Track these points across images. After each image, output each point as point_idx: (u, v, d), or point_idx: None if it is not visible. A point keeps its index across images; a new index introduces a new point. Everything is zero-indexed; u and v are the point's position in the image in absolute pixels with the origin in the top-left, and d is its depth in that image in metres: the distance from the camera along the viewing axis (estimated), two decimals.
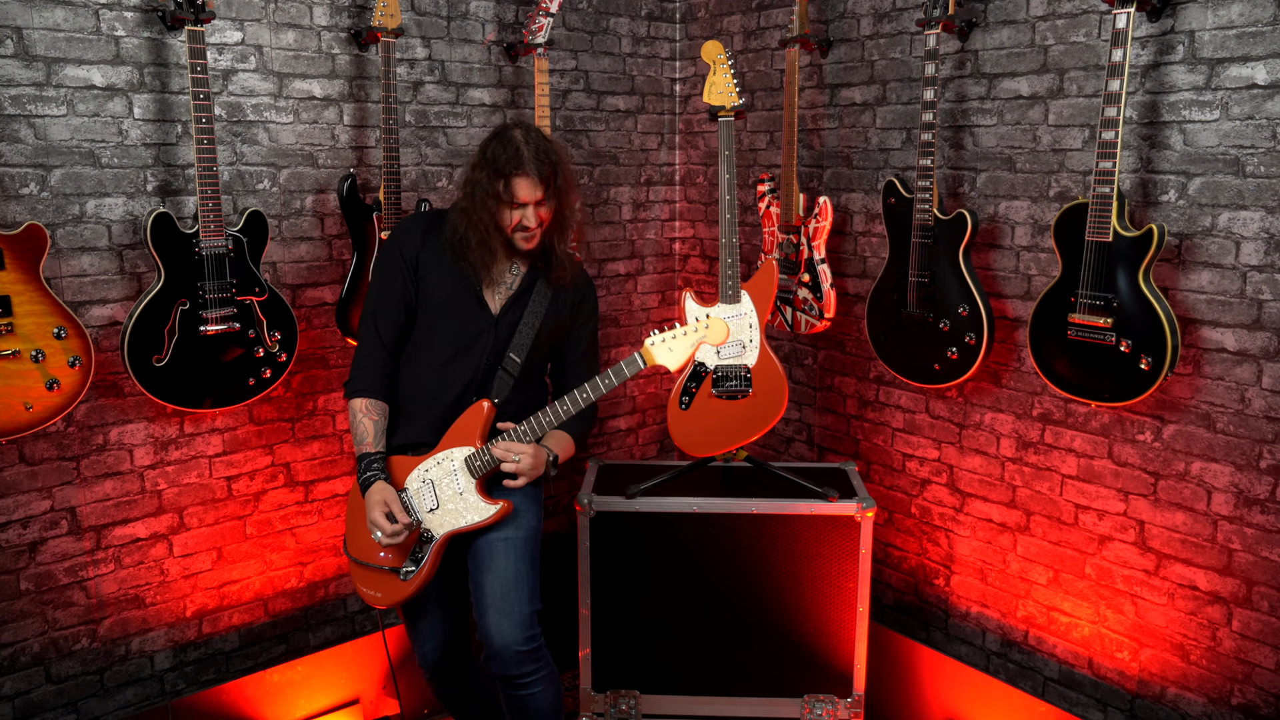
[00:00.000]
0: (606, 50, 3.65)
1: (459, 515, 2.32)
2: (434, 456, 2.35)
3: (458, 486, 2.31)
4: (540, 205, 2.31)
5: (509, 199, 2.27)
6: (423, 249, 2.38)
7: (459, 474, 2.32)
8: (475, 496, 2.31)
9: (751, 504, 2.83)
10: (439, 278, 2.37)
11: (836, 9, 3.23)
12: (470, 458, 2.31)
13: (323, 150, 2.99)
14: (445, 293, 2.37)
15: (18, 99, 2.48)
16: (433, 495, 2.33)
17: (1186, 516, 2.56)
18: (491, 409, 2.34)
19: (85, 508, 2.71)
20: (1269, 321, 2.36)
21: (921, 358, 2.89)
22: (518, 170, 2.26)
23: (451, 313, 2.38)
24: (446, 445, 2.34)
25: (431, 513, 2.33)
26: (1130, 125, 2.53)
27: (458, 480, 2.31)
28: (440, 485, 2.33)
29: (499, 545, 2.32)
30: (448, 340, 2.37)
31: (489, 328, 2.39)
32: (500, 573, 2.29)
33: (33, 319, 2.40)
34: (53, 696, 2.73)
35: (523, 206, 2.29)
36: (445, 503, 2.32)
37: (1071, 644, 2.85)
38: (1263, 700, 2.46)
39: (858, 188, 3.26)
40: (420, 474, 2.34)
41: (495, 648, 2.25)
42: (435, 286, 2.37)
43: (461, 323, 2.38)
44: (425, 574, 2.34)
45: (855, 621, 2.84)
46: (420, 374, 2.40)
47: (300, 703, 2.98)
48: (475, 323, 2.38)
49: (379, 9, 2.81)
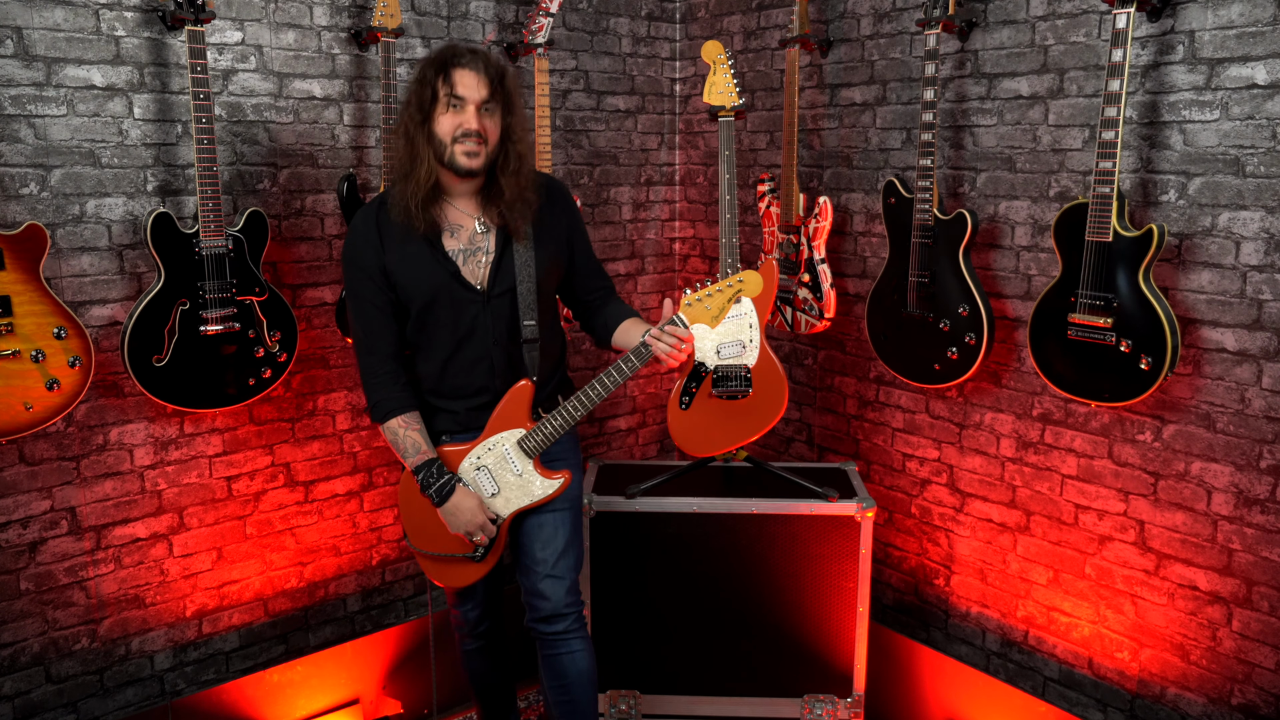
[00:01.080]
0: (606, 50, 3.65)
1: (524, 494, 2.32)
2: (483, 444, 2.30)
3: (515, 469, 2.30)
4: (484, 111, 2.12)
5: (447, 94, 2.08)
6: (384, 250, 2.21)
7: (514, 457, 2.29)
8: (536, 475, 2.31)
9: (751, 504, 2.83)
10: (412, 271, 2.21)
11: (836, 9, 3.23)
12: (523, 439, 2.28)
13: (323, 150, 2.99)
14: (423, 285, 2.21)
15: (18, 99, 2.48)
16: (490, 481, 2.31)
17: (1186, 516, 2.56)
18: (531, 387, 2.27)
19: (85, 508, 2.71)
20: (1269, 321, 2.36)
21: (921, 358, 2.89)
22: (457, 61, 2.08)
23: (438, 304, 2.23)
24: (493, 431, 2.29)
25: (494, 497, 2.32)
26: (1130, 125, 2.53)
27: (514, 463, 2.30)
28: (496, 470, 2.30)
29: (548, 517, 2.35)
30: (444, 335, 2.25)
31: (481, 308, 2.24)
32: (552, 542, 2.35)
33: (33, 319, 2.40)
34: (53, 696, 2.73)
35: (462, 103, 2.09)
36: (506, 487, 2.31)
37: (1071, 644, 2.85)
38: (1263, 700, 2.46)
39: (858, 188, 3.26)
40: (472, 462, 2.30)
41: (546, 609, 2.33)
42: (411, 281, 2.21)
43: (451, 312, 2.23)
44: (498, 552, 2.37)
45: (855, 621, 2.84)
46: (431, 370, 2.30)
47: (300, 703, 2.98)
48: (466, 308, 2.24)
49: (379, 9, 2.81)
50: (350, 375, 3.15)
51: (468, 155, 2.12)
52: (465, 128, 2.10)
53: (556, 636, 2.35)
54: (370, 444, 3.22)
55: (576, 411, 2.25)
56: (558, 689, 2.37)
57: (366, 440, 3.21)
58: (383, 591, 3.33)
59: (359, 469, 3.21)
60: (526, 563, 2.37)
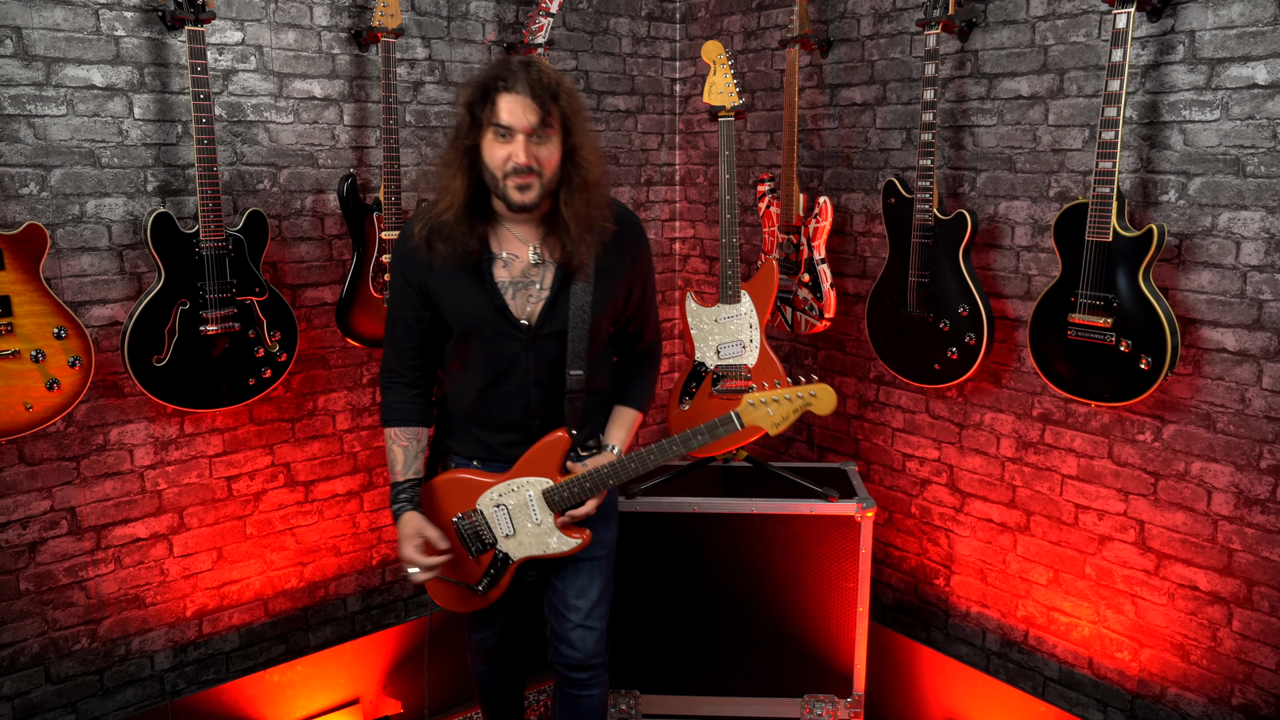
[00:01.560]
0: (606, 50, 3.65)
1: (539, 544, 2.21)
2: (508, 482, 2.17)
3: (535, 518, 2.18)
4: (536, 139, 1.89)
5: (493, 124, 1.86)
6: (430, 269, 2.04)
7: (535, 506, 2.17)
8: (553, 529, 2.18)
9: (751, 504, 2.83)
10: (457, 297, 2.04)
11: (836, 9, 3.23)
12: (549, 491, 2.15)
13: (323, 150, 2.99)
14: (466, 314, 2.06)
15: (18, 99, 2.48)
16: (508, 522, 2.20)
17: (1186, 516, 2.56)
18: (567, 440, 2.12)
19: (85, 508, 2.71)
20: (1269, 321, 2.36)
21: (921, 358, 2.89)
22: (505, 85, 1.84)
23: (479, 335, 2.06)
24: (521, 473, 2.16)
25: (507, 538, 2.21)
26: (1130, 125, 2.53)
27: (535, 512, 2.18)
28: (515, 513, 2.19)
29: (585, 564, 2.26)
30: (481, 364, 2.10)
31: (524, 346, 2.07)
32: (587, 592, 2.27)
33: (33, 319, 2.40)
34: (53, 696, 2.72)
35: (510, 132, 1.87)
36: (521, 532, 2.20)
37: (1071, 644, 2.85)
38: (1263, 700, 2.46)
39: (858, 188, 3.26)
40: (494, 498, 2.19)
41: (574, 657, 2.29)
42: (454, 307, 2.06)
43: (492, 344, 2.07)
44: (501, 589, 2.27)
45: (855, 621, 2.84)
46: (467, 395, 2.16)
47: (300, 703, 2.98)
48: (507, 344, 2.06)
49: (379, 9, 2.80)
50: (350, 375, 3.15)
51: (520, 190, 1.92)
52: (514, 162, 1.88)
53: (580, 683, 2.32)
54: (370, 444, 3.22)
55: (608, 478, 2.11)
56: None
57: (366, 440, 3.21)
58: (383, 591, 3.33)
59: (359, 469, 3.21)
60: (559, 607, 2.29)
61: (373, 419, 3.21)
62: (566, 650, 2.30)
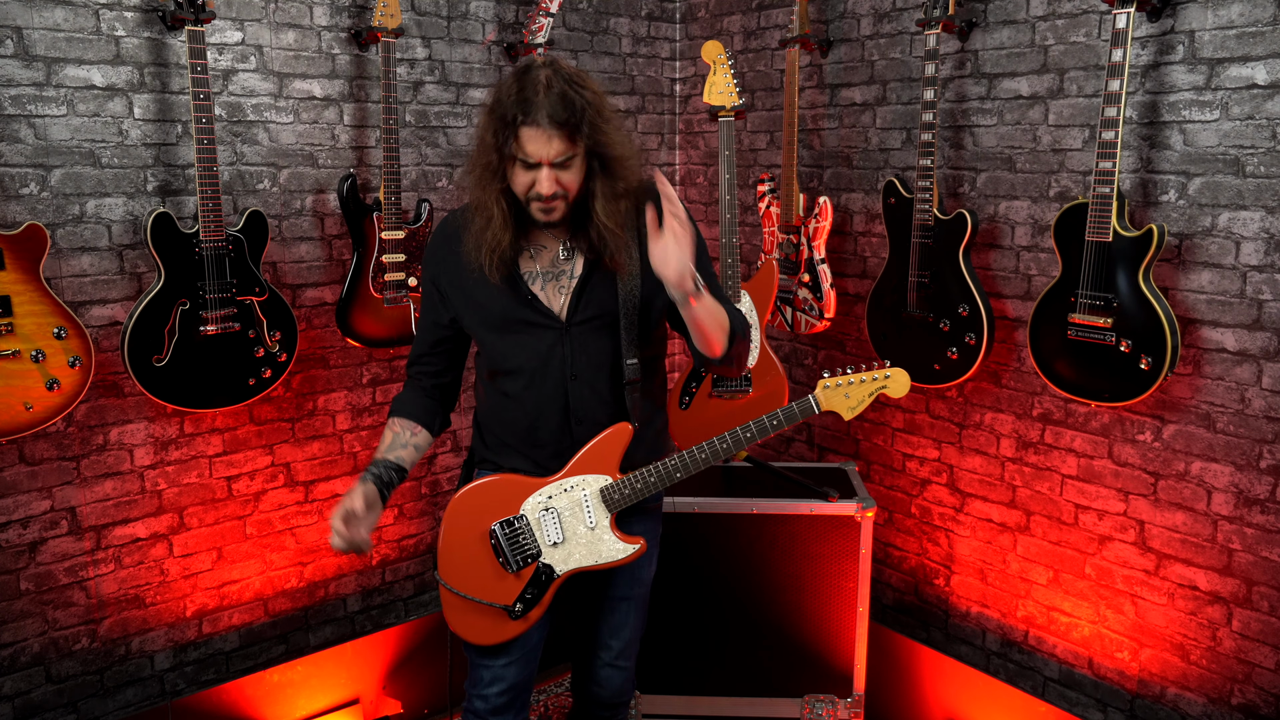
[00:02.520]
0: (606, 50, 3.65)
1: (591, 552, 2.01)
2: (559, 481, 2.00)
3: (589, 521, 2.00)
4: (560, 167, 1.83)
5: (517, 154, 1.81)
6: (443, 265, 2.00)
7: (592, 507, 1.99)
8: (609, 533, 2.00)
9: (751, 504, 2.83)
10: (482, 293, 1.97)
11: (836, 9, 3.23)
12: (608, 489, 1.98)
13: (323, 150, 2.99)
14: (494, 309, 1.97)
15: (18, 99, 2.48)
16: (557, 528, 2.00)
17: (1186, 516, 2.56)
18: (630, 431, 1.98)
19: (85, 508, 2.71)
20: (1269, 321, 2.36)
21: (922, 358, 2.89)
22: (525, 118, 1.78)
23: (506, 327, 1.98)
24: (576, 471, 2.00)
25: (555, 547, 2.00)
26: (1130, 125, 2.53)
27: (589, 514, 2.00)
28: (566, 517, 2.00)
29: (622, 604, 2.15)
30: (514, 362, 1.99)
31: (559, 337, 1.96)
32: (621, 631, 2.17)
33: (33, 319, 2.40)
34: (53, 696, 2.72)
35: (534, 167, 1.82)
36: (572, 539, 2.00)
37: (1071, 644, 2.85)
38: (1263, 700, 2.46)
39: (858, 188, 3.26)
40: (541, 500, 2.00)
41: (601, 696, 2.22)
42: (479, 304, 1.99)
43: (524, 337, 1.97)
44: (538, 613, 2.02)
45: (855, 621, 2.84)
46: (499, 402, 2.04)
47: (300, 703, 2.98)
48: (539, 336, 1.96)
49: (379, 9, 2.81)
50: (350, 375, 3.15)
51: (544, 213, 1.87)
52: (538, 190, 1.84)
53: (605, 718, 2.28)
54: (370, 444, 3.22)
55: (676, 472, 1.97)
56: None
57: (366, 440, 3.21)
58: (383, 591, 3.33)
59: (359, 469, 3.21)
60: (590, 643, 2.19)
61: (373, 419, 3.21)
62: (594, 689, 2.21)
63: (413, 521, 3.35)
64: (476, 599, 2.01)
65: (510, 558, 2.01)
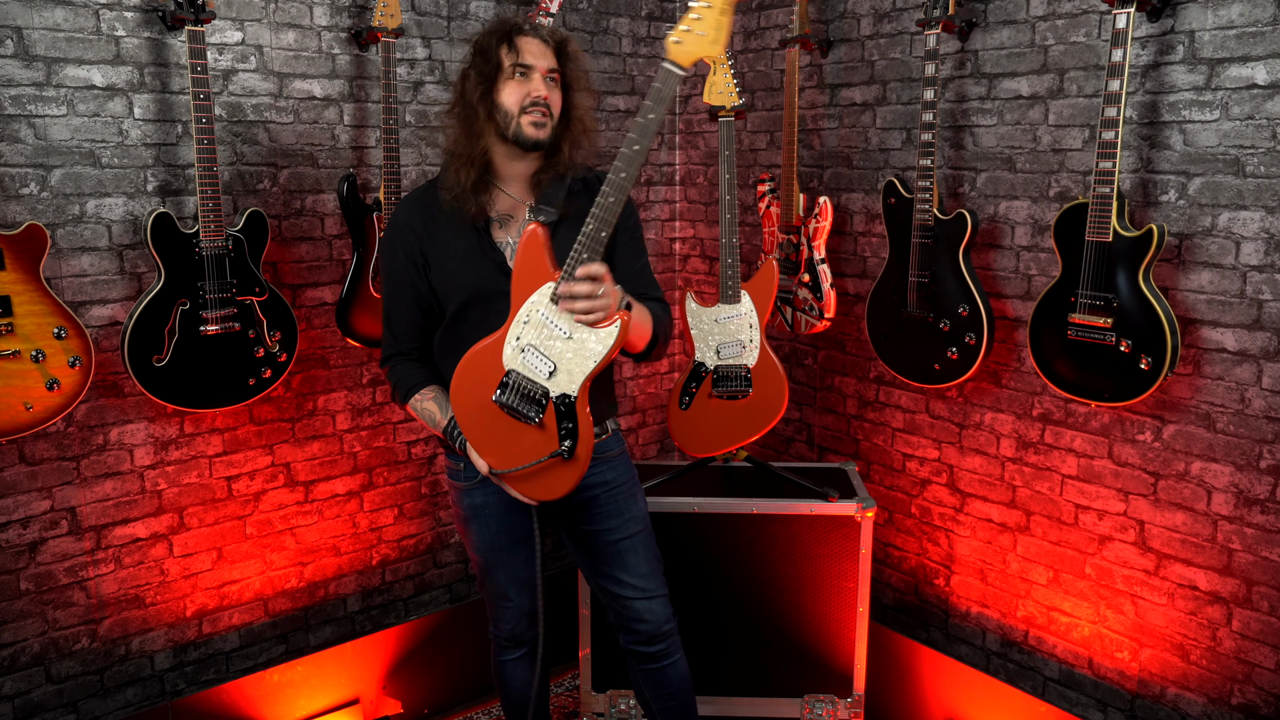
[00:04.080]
0: (606, 50, 3.65)
1: (584, 357, 1.96)
2: (514, 321, 1.99)
3: (562, 331, 1.96)
4: (549, 81, 1.98)
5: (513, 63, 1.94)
6: (426, 235, 2.07)
7: (555, 319, 1.96)
8: (587, 330, 1.95)
9: (751, 504, 2.83)
10: (456, 262, 2.06)
11: (836, 9, 3.23)
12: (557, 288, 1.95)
13: (323, 150, 2.99)
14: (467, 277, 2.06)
15: (18, 99, 2.48)
16: (542, 359, 1.98)
17: (1186, 516, 2.56)
18: (540, 229, 1.95)
19: (85, 508, 2.71)
20: (1269, 321, 2.36)
21: (921, 358, 2.89)
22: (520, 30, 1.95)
23: (480, 297, 2.05)
24: (519, 301, 1.98)
25: (553, 375, 1.98)
26: (1130, 125, 2.53)
27: (559, 326, 1.96)
28: (543, 343, 1.97)
29: (626, 544, 2.25)
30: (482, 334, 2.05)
31: None
32: (639, 567, 2.27)
33: (33, 319, 2.40)
34: (53, 696, 2.73)
35: (529, 70, 1.95)
36: (560, 359, 1.97)
37: (1071, 644, 2.85)
38: (1263, 700, 2.46)
39: (858, 188, 3.26)
40: (514, 346, 2.00)
41: (649, 629, 2.29)
42: (453, 273, 2.07)
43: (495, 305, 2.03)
44: (585, 438, 2.00)
45: (855, 621, 2.84)
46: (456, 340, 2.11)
47: (300, 703, 2.98)
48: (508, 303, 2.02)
49: (379, 9, 2.81)
50: (350, 375, 3.15)
51: (535, 125, 1.98)
52: (534, 95, 1.96)
53: (657, 655, 2.33)
54: (370, 444, 3.22)
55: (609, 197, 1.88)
56: (663, 697, 2.38)
57: (366, 440, 3.21)
58: (383, 591, 3.33)
59: (359, 469, 3.21)
60: (615, 591, 2.28)
61: (373, 419, 3.21)
62: (637, 625, 2.29)
63: (413, 521, 3.35)
64: (533, 463, 2.04)
65: (527, 413, 2.02)
